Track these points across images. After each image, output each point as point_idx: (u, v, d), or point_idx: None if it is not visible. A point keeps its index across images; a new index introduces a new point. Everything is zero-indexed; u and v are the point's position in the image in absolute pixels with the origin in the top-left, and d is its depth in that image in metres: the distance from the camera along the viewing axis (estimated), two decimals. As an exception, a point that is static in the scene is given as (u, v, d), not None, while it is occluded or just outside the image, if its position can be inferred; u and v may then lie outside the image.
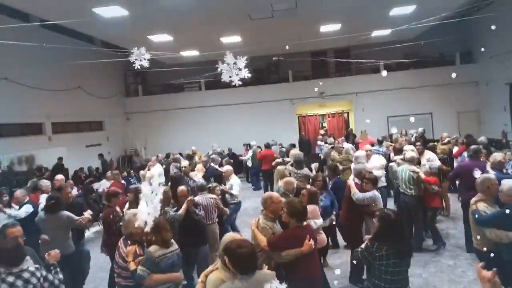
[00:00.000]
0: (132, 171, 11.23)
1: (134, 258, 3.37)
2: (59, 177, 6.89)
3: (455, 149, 8.82)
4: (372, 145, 9.27)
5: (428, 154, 7.47)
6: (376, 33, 13.34)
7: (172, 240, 3.56)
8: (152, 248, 3.35)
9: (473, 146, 6.16)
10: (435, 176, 6.38)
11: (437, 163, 7.15)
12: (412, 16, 11.32)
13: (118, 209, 5.02)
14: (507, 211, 3.55)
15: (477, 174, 4.68)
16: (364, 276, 4.96)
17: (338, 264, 5.73)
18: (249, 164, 12.86)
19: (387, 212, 3.30)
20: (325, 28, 12.60)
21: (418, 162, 6.54)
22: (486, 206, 3.86)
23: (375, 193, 4.85)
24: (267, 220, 3.72)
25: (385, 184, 7.52)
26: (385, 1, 10.45)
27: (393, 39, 14.10)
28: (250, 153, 12.84)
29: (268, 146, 11.89)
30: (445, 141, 9.57)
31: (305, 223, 3.65)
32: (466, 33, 15.10)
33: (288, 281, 3.46)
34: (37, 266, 3.01)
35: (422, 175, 6.02)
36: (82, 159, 12.85)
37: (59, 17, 9.45)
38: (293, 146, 11.46)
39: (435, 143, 9.54)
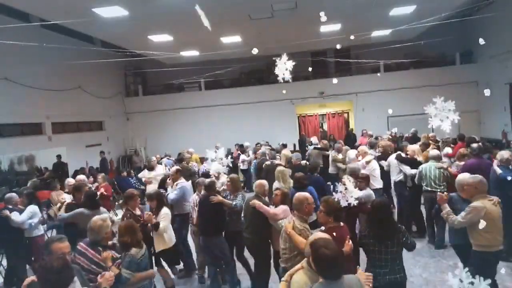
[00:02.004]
0: (132, 171, 11.23)
1: (113, 262, 3.36)
2: (81, 177, 7.20)
3: (446, 149, 8.68)
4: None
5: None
6: (376, 33, 13.33)
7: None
8: (133, 251, 3.48)
9: (474, 144, 6.25)
10: None
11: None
12: (412, 16, 11.32)
13: (138, 211, 4.92)
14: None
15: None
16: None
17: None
18: (245, 166, 11.77)
19: (375, 200, 3.80)
20: (325, 28, 12.59)
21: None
22: None
23: (369, 191, 5.02)
24: (301, 221, 3.65)
25: (378, 187, 6.65)
26: (385, 1, 10.45)
27: (393, 39, 14.09)
28: (251, 154, 11.77)
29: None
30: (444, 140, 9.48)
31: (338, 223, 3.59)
32: (466, 33, 15.09)
33: None
34: None
35: (451, 169, 6.06)
36: (82, 159, 12.86)
37: (59, 17, 9.44)
38: (284, 146, 11.11)
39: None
